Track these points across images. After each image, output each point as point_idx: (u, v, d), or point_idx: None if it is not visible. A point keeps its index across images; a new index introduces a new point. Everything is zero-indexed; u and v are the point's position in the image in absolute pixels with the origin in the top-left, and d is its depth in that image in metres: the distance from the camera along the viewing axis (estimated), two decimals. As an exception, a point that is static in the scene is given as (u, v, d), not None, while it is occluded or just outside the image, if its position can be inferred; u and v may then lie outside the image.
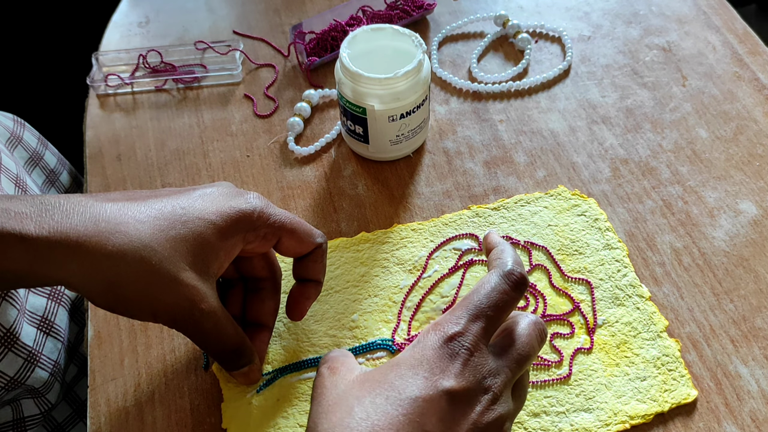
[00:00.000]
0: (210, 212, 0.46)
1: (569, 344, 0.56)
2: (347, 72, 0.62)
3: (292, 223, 0.50)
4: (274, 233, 0.49)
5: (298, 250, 0.51)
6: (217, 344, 0.47)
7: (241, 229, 0.47)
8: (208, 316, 0.45)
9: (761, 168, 0.67)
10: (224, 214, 0.46)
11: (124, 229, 0.43)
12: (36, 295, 0.60)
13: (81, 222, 0.42)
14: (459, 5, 0.83)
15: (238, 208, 0.47)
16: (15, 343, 0.56)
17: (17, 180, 0.63)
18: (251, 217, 0.47)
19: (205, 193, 0.47)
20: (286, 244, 0.50)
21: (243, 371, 0.50)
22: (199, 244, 0.45)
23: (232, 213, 0.47)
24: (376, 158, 0.68)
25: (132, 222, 0.43)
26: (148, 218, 0.44)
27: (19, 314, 0.56)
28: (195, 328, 0.45)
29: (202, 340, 0.47)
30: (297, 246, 0.51)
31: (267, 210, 0.48)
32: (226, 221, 0.46)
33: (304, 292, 0.53)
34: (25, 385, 0.58)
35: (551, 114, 0.72)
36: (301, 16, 0.83)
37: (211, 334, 0.46)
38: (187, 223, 0.45)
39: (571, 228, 0.62)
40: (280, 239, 0.50)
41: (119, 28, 0.83)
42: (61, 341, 0.62)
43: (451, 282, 0.60)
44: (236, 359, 0.49)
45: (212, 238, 0.46)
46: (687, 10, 0.81)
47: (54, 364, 0.61)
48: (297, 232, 0.50)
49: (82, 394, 0.67)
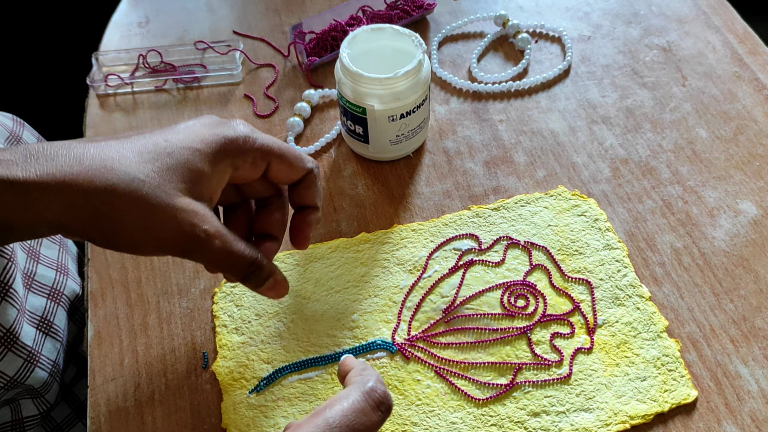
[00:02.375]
0: (195, 141, 0.45)
1: (569, 344, 0.56)
2: (347, 72, 0.62)
3: (280, 148, 0.49)
4: (262, 158, 0.48)
5: (289, 175, 0.50)
6: (232, 263, 0.46)
7: (228, 154, 0.46)
8: (214, 237, 0.44)
9: (761, 168, 0.67)
10: (210, 142, 0.46)
11: (111, 165, 0.42)
12: (35, 294, 0.60)
13: (66, 163, 0.41)
14: (459, 5, 0.83)
15: (223, 134, 0.46)
16: (15, 343, 0.56)
17: None
18: (237, 142, 0.47)
19: (188, 125, 0.47)
20: (276, 169, 0.49)
21: (269, 285, 0.49)
22: (189, 172, 0.44)
23: (217, 140, 0.46)
24: (376, 158, 0.68)
25: (117, 158, 0.43)
26: (133, 153, 0.43)
27: (18, 314, 0.56)
28: (204, 250, 0.44)
29: (216, 262, 0.46)
30: (288, 171, 0.50)
31: (253, 135, 0.48)
32: (212, 148, 0.46)
33: (304, 219, 0.52)
34: (25, 385, 0.58)
35: (551, 114, 0.72)
36: (301, 16, 0.83)
37: (222, 254, 0.45)
38: (172, 153, 0.44)
39: (571, 228, 0.62)
40: (269, 165, 0.49)
41: (119, 28, 0.83)
42: (60, 341, 0.62)
43: (451, 282, 0.60)
44: (257, 274, 0.48)
45: (201, 166, 0.45)
46: (687, 10, 0.81)
47: (53, 365, 0.61)
48: (286, 156, 0.49)
49: (81, 395, 0.67)
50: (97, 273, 0.62)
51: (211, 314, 0.59)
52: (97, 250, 0.64)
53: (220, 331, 0.58)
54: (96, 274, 0.62)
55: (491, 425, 0.52)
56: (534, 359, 0.55)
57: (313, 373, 0.55)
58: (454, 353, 0.56)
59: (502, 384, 0.54)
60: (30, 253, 0.61)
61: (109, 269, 0.63)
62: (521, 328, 0.57)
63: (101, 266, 0.63)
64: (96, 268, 0.63)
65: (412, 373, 0.55)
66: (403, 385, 0.55)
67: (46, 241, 0.64)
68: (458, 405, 0.53)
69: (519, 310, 0.58)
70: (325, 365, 0.56)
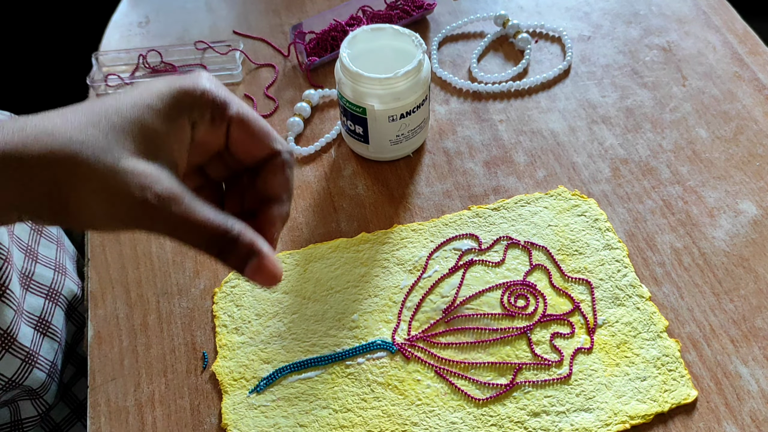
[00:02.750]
0: (147, 97, 0.40)
1: (569, 344, 0.56)
2: (347, 72, 0.62)
3: (244, 113, 0.42)
4: (221, 117, 0.41)
5: (250, 149, 0.43)
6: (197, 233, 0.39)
7: (184, 109, 0.40)
8: (168, 201, 0.38)
9: (761, 168, 0.67)
10: (163, 95, 0.40)
11: (51, 130, 0.37)
12: (33, 295, 0.60)
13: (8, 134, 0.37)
14: (459, 5, 0.83)
15: (179, 85, 0.40)
16: (12, 344, 0.56)
17: None
18: (193, 95, 0.40)
19: (147, 83, 0.41)
20: (235, 136, 0.42)
21: (253, 266, 0.40)
22: (139, 130, 0.39)
23: (172, 92, 0.40)
24: (376, 158, 0.68)
25: (60, 122, 0.38)
26: (76, 116, 0.38)
27: (16, 315, 0.56)
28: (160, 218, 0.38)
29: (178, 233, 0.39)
30: (248, 142, 0.42)
31: (214, 89, 0.41)
32: (165, 102, 0.40)
33: (267, 217, 0.43)
34: (23, 386, 0.58)
35: (551, 114, 0.72)
36: (301, 16, 0.83)
37: (181, 222, 0.38)
38: (120, 111, 0.39)
39: (571, 228, 0.62)
40: (229, 130, 0.42)
41: (119, 28, 0.83)
42: (58, 342, 0.62)
43: (451, 282, 0.60)
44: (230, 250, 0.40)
45: (153, 123, 0.39)
46: (687, 10, 0.81)
47: (51, 365, 0.60)
48: (248, 124, 0.42)
49: (80, 395, 0.67)
50: (97, 273, 0.62)
51: (211, 314, 0.59)
52: (97, 250, 0.64)
53: (220, 331, 0.58)
54: (96, 274, 0.62)
55: (491, 425, 0.52)
56: (534, 359, 0.55)
57: (313, 373, 0.55)
58: (454, 353, 0.56)
59: (502, 384, 0.54)
60: (28, 253, 0.61)
61: (109, 269, 0.63)
62: (521, 328, 0.57)
63: (101, 266, 0.63)
64: (96, 268, 0.63)
65: (412, 373, 0.55)
66: (403, 385, 0.55)
67: (44, 240, 0.64)
68: (458, 405, 0.53)
69: (519, 310, 0.58)
70: (325, 365, 0.56)
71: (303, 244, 0.63)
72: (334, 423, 0.53)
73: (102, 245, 0.64)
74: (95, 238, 0.65)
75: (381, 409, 0.54)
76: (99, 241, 0.65)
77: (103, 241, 0.65)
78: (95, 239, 0.65)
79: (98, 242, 0.65)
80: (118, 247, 0.64)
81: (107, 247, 0.64)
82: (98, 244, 0.64)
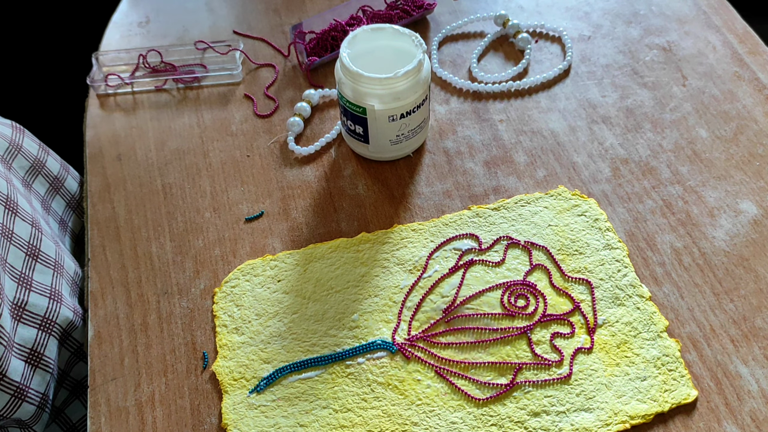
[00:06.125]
0: None
1: (569, 344, 0.56)
2: (347, 72, 0.62)
3: None
4: None
5: None
6: None
7: None
8: None
9: (761, 168, 0.67)
10: None
11: None
12: (26, 326, 0.58)
13: None
14: (459, 5, 0.83)
15: None
16: (1, 380, 0.55)
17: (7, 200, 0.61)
18: None
19: None
20: None
21: None
22: None
23: None
24: (376, 158, 0.68)
25: None
26: None
27: (5, 350, 0.55)
28: None
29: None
30: None
31: None
32: None
33: None
34: (11, 419, 0.57)
35: (551, 114, 0.72)
36: (301, 16, 0.83)
37: None
38: None
39: (572, 228, 0.62)
40: None
41: (119, 28, 0.83)
42: (51, 372, 0.60)
43: (451, 282, 0.60)
44: None
45: None
46: (687, 10, 0.81)
47: (42, 397, 0.59)
48: None
49: (73, 417, 0.66)
50: (97, 273, 0.62)
51: (211, 314, 0.59)
52: (97, 249, 0.64)
53: (220, 331, 0.58)
54: (96, 274, 0.62)
55: (491, 425, 0.52)
56: (534, 359, 0.55)
57: (313, 373, 0.55)
58: (454, 353, 0.56)
59: (502, 384, 0.54)
60: (21, 281, 0.59)
61: (109, 269, 0.63)
62: (521, 328, 0.57)
63: (101, 266, 0.63)
64: (96, 268, 0.63)
65: (412, 373, 0.55)
66: (403, 385, 0.55)
67: (39, 266, 0.62)
68: (458, 405, 0.53)
69: (519, 310, 0.58)
70: (326, 365, 0.56)
71: (303, 244, 0.63)
72: (334, 423, 0.53)
73: (102, 245, 0.64)
74: (95, 238, 0.65)
75: (381, 408, 0.54)
76: (99, 241, 0.65)
77: (103, 241, 0.65)
78: (95, 239, 0.65)
79: (98, 242, 0.65)
80: (118, 247, 0.64)
81: (107, 247, 0.64)
82: (98, 244, 0.64)
